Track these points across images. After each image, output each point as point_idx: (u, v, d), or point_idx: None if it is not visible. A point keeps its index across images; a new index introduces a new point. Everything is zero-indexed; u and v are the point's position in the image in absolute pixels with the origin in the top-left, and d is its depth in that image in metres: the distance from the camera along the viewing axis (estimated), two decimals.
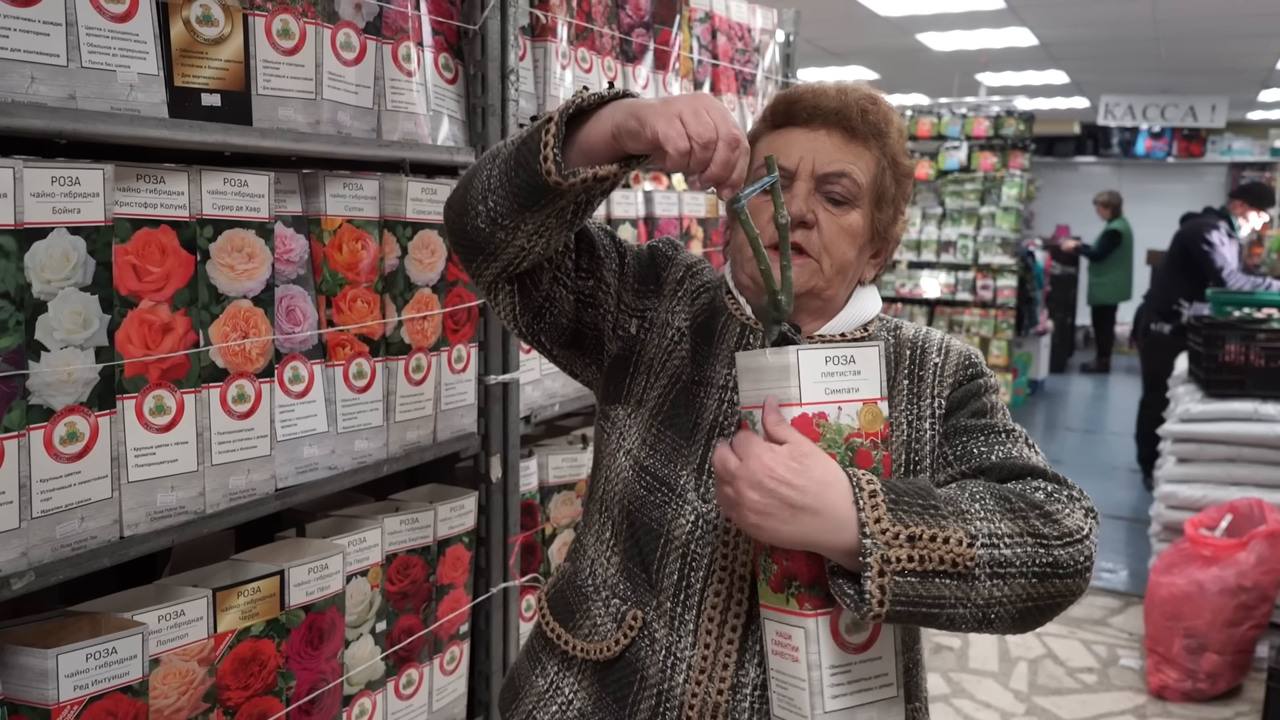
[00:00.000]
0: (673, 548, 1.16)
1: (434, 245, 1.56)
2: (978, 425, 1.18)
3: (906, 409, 1.19)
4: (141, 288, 1.16)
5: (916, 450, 1.17)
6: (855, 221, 1.17)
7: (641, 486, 1.18)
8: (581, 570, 1.25)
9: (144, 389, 1.17)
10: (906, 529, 0.99)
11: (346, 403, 1.45)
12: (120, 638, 1.13)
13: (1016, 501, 1.06)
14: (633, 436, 1.21)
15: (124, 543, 1.14)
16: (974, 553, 1.00)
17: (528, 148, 1.07)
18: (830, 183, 1.16)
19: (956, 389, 1.20)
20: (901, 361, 1.23)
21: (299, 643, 1.38)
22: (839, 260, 1.17)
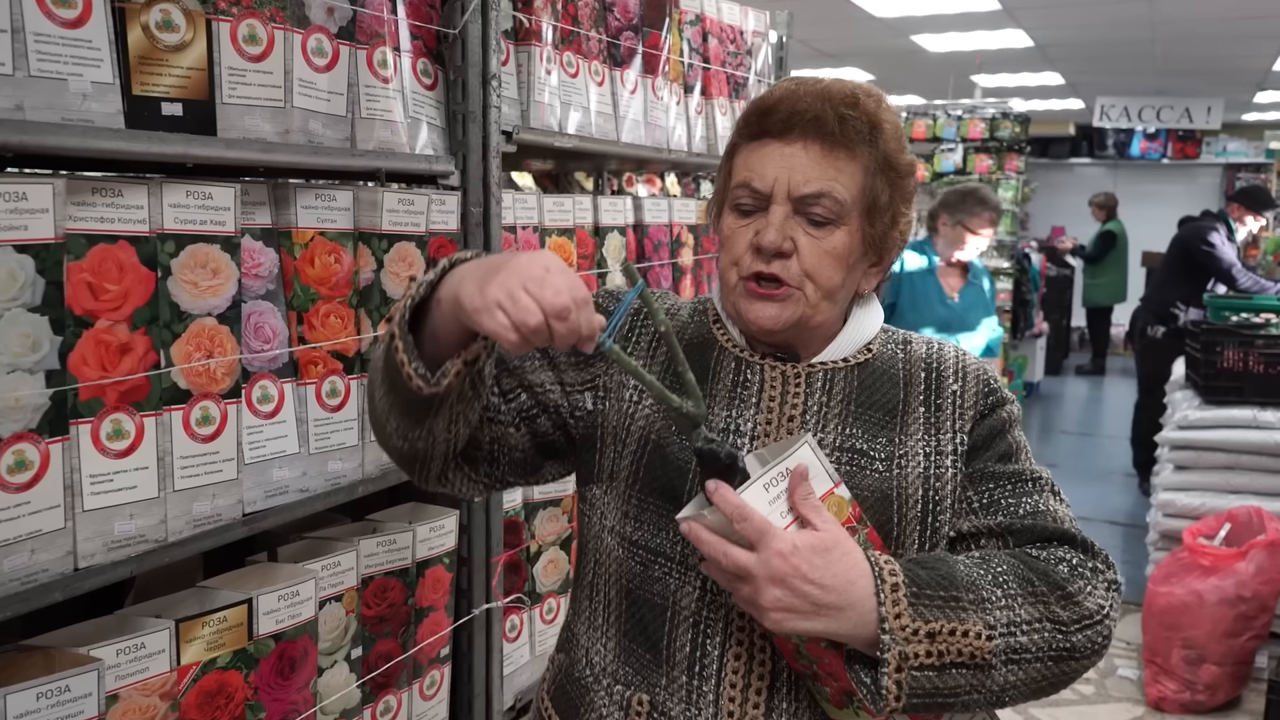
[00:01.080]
0: (681, 619, 1.08)
1: (411, 258, 1.50)
2: (1005, 472, 1.13)
3: (924, 439, 1.12)
4: (98, 307, 1.10)
5: (937, 489, 1.10)
6: (841, 242, 1.09)
7: (636, 562, 1.11)
8: (577, 661, 1.17)
9: (100, 413, 1.11)
10: (926, 624, 0.97)
11: (319, 422, 1.39)
12: (74, 675, 1.07)
13: (1039, 583, 1.03)
14: (613, 513, 1.13)
15: (78, 575, 1.08)
16: (992, 645, 0.99)
17: (390, 367, 0.99)
18: (809, 204, 1.07)
19: (979, 422, 1.14)
20: (915, 384, 1.15)
21: (269, 673, 1.33)
22: (825, 285, 1.09)
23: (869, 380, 1.15)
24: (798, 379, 1.14)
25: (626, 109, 2.12)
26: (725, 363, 1.16)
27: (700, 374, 1.15)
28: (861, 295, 1.18)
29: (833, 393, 1.13)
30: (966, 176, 7.12)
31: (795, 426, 1.11)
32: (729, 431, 1.12)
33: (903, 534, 1.09)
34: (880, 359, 1.17)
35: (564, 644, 1.22)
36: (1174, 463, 4.00)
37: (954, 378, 1.16)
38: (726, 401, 1.13)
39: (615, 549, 1.13)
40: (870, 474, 1.09)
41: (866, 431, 1.11)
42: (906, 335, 1.22)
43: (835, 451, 1.10)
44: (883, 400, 1.14)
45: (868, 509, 1.07)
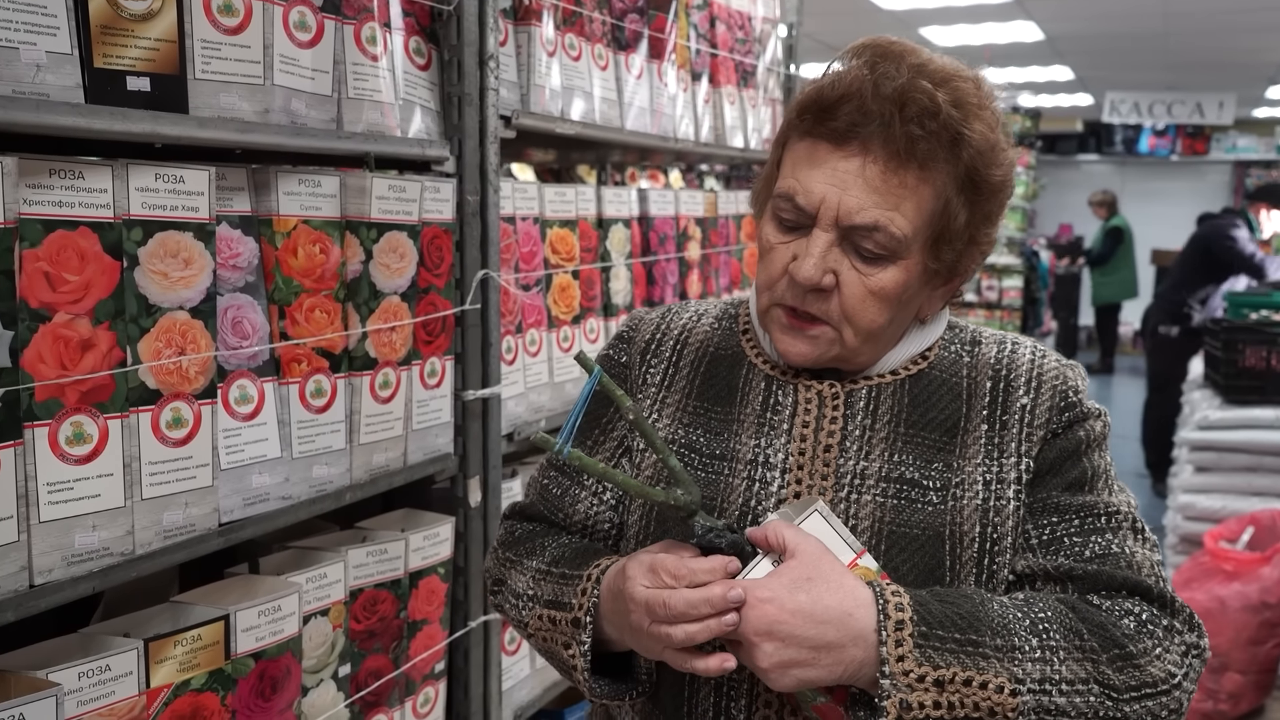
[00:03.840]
0: (701, 682, 0.98)
1: (403, 248, 1.41)
2: (1073, 505, 0.96)
3: (984, 465, 0.96)
4: (56, 299, 1.01)
5: (996, 525, 0.95)
6: (893, 280, 0.93)
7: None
8: (611, 716, 1.08)
9: (59, 414, 1.02)
10: (935, 670, 0.84)
11: (303, 424, 1.30)
12: (29, 701, 0.98)
13: (1091, 637, 0.88)
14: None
15: (34, 593, 0.99)
16: (1017, 701, 0.84)
17: (559, 662, 1.01)
18: (859, 236, 0.92)
19: (1049, 442, 0.97)
20: (979, 396, 0.99)
21: (248, 694, 1.24)
22: (865, 327, 0.95)
23: (923, 395, 1.00)
24: (836, 400, 1.00)
25: (632, 96, 2.03)
26: (755, 382, 1.04)
27: (727, 395, 1.04)
28: (924, 321, 1.03)
29: (878, 414, 0.99)
30: None
31: (833, 457, 0.98)
32: (756, 463, 1.00)
33: (956, 579, 0.95)
34: (939, 366, 1.02)
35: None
36: (1194, 464, 3.89)
37: (1026, 389, 0.99)
38: (755, 429, 1.01)
39: None
40: (921, 508, 0.95)
41: (919, 457, 0.97)
42: (977, 334, 1.05)
43: (881, 482, 0.96)
44: (939, 418, 0.99)
45: (917, 550, 0.94)
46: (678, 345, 1.09)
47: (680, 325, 1.11)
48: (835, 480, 0.97)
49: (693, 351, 1.08)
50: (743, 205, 2.63)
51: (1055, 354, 1.04)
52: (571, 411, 0.86)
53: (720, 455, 1.01)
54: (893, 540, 0.95)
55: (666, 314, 1.13)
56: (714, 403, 1.04)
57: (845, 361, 1.00)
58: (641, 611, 0.88)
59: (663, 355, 1.09)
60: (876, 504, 0.96)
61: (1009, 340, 1.05)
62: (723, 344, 1.08)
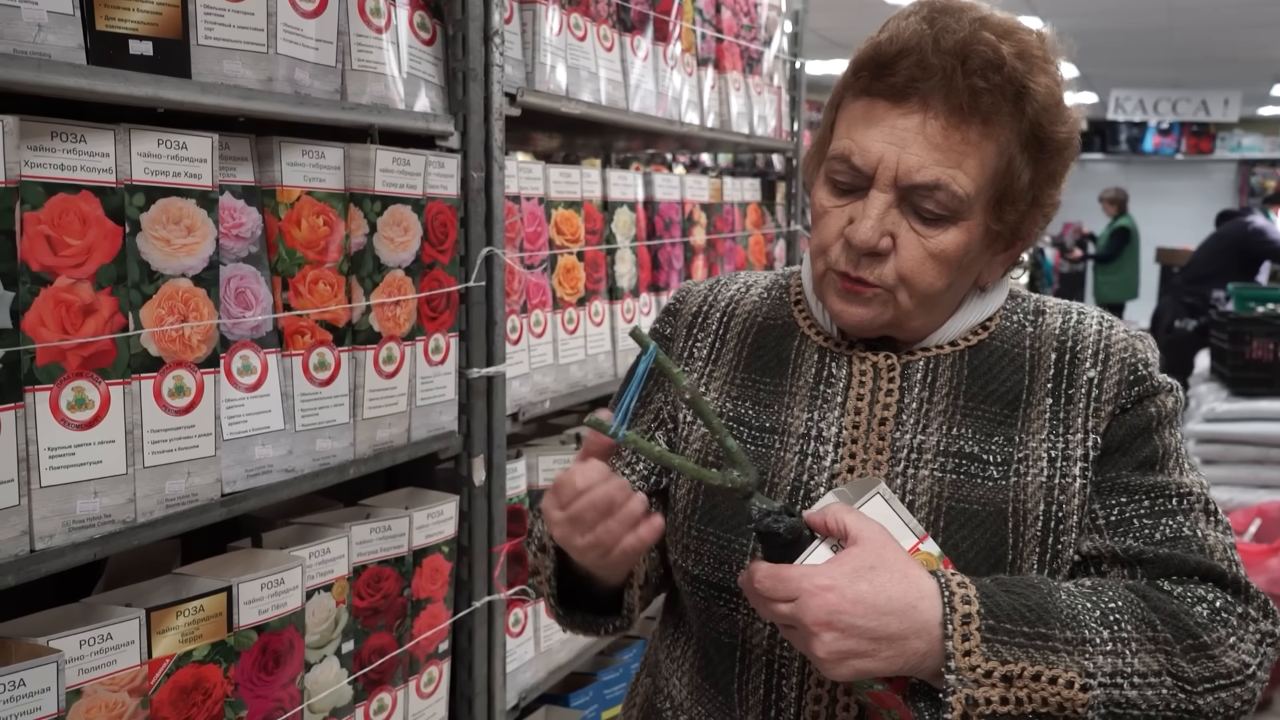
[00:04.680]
0: (753, 659, 0.97)
1: (407, 222, 1.40)
2: (1143, 485, 0.92)
3: (1049, 440, 0.93)
4: (57, 263, 1.00)
5: (1062, 504, 0.92)
6: (952, 242, 0.90)
7: (700, 598, 1.00)
8: (660, 689, 1.07)
9: (61, 379, 1.01)
10: (1003, 665, 0.81)
11: (306, 397, 1.29)
12: (30, 667, 0.97)
13: (1164, 628, 0.85)
14: (675, 547, 1.02)
15: (34, 557, 0.98)
16: (1088, 697, 0.81)
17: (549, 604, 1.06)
18: (919, 196, 0.89)
19: (1118, 417, 0.94)
20: (1043, 368, 0.96)
21: (251, 668, 1.23)
22: (923, 290, 0.92)
23: (984, 366, 0.97)
24: (891, 372, 0.98)
25: (639, 79, 2.02)
26: (807, 354, 1.01)
27: (778, 366, 1.02)
28: (985, 288, 1.00)
29: (936, 386, 0.97)
30: None
31: (888, 430, 0.96)
32: (809, 437, 0.97)
33: (1019, 557, 0.92)
34: (1001, 336, 0.99)
35: (649, 666, 1.13)
36: (1201, 457, 3.88)
37: (1094, 361, 0.95)
38: (808, 402, 0.99)
39: (682, 584, 1.03)
40: (982, 483, 0.92)
41: (979, 431, 0.94)
42: (1041, 303, 1.02)
43: (939, 456, 0.94)
44: (1000, 390, 0.96)
45: (977, 526, 0.92)
46: (724, 317, 1.07)
47: (728, 297, 1.08)
48: (891, 454, 0.95)
49: (740, 323, 1.06)
50: (748, 193, 2.62)
51: (1124, 324, 1.00)
52: (626, 390, 0.82)
53: (771, 429, 0.99)
54: (952, 517, 0.92)
55: (715, 285, 1.10)
56: (763, 374, 1.02)
57: (900, 328, 0.97)
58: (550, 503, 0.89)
59: (709, 328, 1.07)
60: (934, 479, 0.93)
61: (1074, 309, 1.01)
62: (773, 314, 1.05)
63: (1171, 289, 6.15)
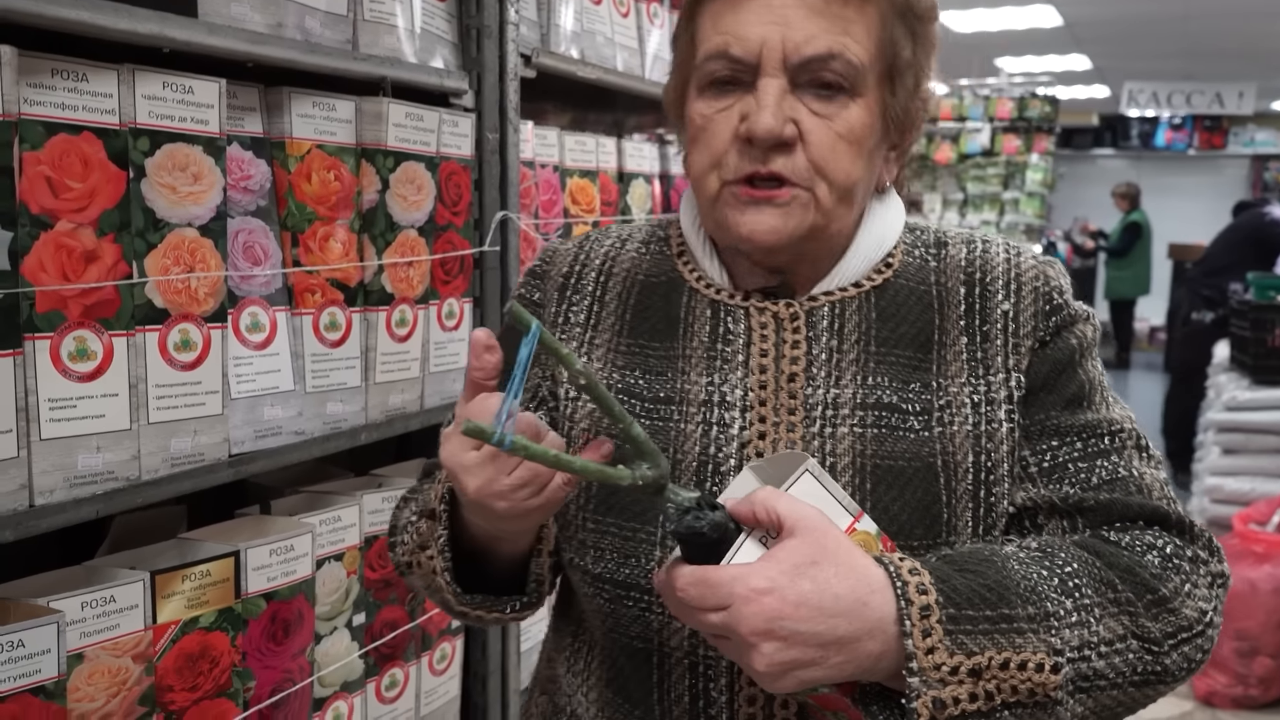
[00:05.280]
0: (673, 663, 0.86)
1: (420, 180, 1.36)
2: (1074, 426, 0.86)
3: (970, 383, 0.86)
4: (58, 206, 0.96)
5: (989, 452, 0.85)
6: (858, 118, 0.83)
7: (604, 600, 0.88)
8: (561, 709, 0.95)
9: (61, 328, 0.96)
10: (970, 659, 0.72)
11: (317, 358, 1.24)
12: (29, 628, 0.93)
13: (1123, 585, 0.78)
14: (569, 544, 0.90)
15: (34, 512, 0.94)
16: (1059, 679, 0.74)
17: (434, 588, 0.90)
18: (814, 71, 0.81)
19: (1039, 352, 0.87)
20: (951, 304, 0.88)
21: (259, 637, 1.18)
22: (842, 180, 0.83)
23: (891, 307, 0.89)
24: (795, 321, 0.88)
25: (658, 49, 1.98)
26: (698, 310, 0.90)
27: (666, 328, 0.91)
28: (882, 191, 0.92)
29: (844, 333, 0.88)
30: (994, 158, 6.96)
31: (799, 387, 0.86)
32: (711, 404, 0.87)
33: (953, 515, 0.84)
34: (905, 274, 0.90)
35: (545, 684, 0.99)
36: (1221, 446, 3.82)
37: (1005, 292, 0.88)
38: (706, 364, 0.88)
39: (581, 585, 0.90)
40: (905, 435, 0.85)
41: (895, 379, 0.86)
42: (941, 234, 0.94)
43: (857, 410, 0.85)
44: (911, 332, 0.88)
45: (906, 484, 0.84)
46: (600, 277, 0.95)
47: (602, 254, 0.97)
48: (805, 414, 0.86)
49: (619, 282, 0.95)
50: None
51: (1031, 250, 0.93)
52: (508, 388, 0.67)
53: (666, 399, 0.88)
54: (879, 477, 0.84)
55: (584, 242, 0.99)
56: (651, 338, 0.91)
57: (816, 239, 0.86)
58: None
59: (584, 290, 0.95)
60: (855, 436, 0.85)
61: (978, 238, 0.93)
62: (654, 270, 0.94)
63: (1187, 281, 6.09)
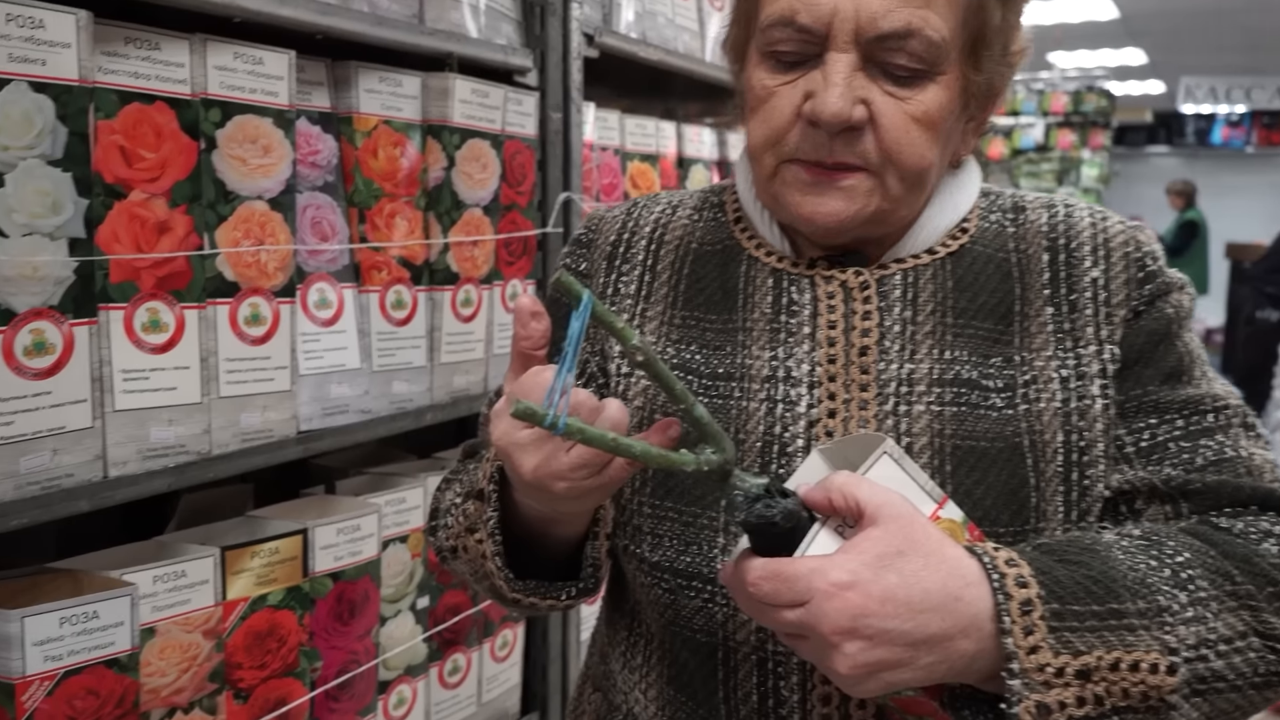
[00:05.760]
0: (740, 659, 0.79)
1: (485, 158, 1.34)
2: (1174, 402, 0.78)
3: (1057, 357, 0.79)
4: (132, 175, 0.95)
5: (1083, 430, 0.78)
6: (935, 101, 0.75)
7: (663, 590, 0.81)
8: (616, 707, 0.89)
9: (135, 299, 0.96)
10: (1076, 659, 0.65)
11: (383, 336, 1.23)
12: (103, 599, 0.92)
13: (1242, 579, 0.71)
14: (625, 530, 0.84)
15: (108, 484, 0.93)
16: (1175, 681, 0.67)
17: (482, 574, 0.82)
18: (890, 49, 0.74)
19: (1132, 323, 0.79)
20: (1034, 272, 0.81)
21: (326, 616, 1.17)
22: (914, 166, 0.76)
23: (968, 275, 0.82)
24: (865, 290, 0.82)
25: (718, 33, 1.95)
26: (759, 279, 0.84)
27: (724, 299, 0.84)
28: (957, 165, 0.84)
29: (919, 303, 0.81)
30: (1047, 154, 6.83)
31: (870, 361, 0.80)
32: (775, 380, 0.80)
33: (1042, 499, 0.77)
34: (981, 240, 0.83)
35: (598, 679, 0.93)
36: None
37: (1094, 258, 0.81)
38: (768, 337, 0.82)
39: (640, 574, 0.83)
40: (987, 414, 0.78)
41: (974, 352, 0.80)
42: (1018, 198, 0.87)
43: (934, 387, 0.79)
44: (991, 302, 0.81)
45: (990, 466, 0.77)
46: (651, 245, 0.89)
47: (652, 220, 0.91)
48: (877, 390, 0.79)
49: (671, 250, 0.88)
50: None
51: (1117, 215, 0.86)
52: (560, 365, 0.61)
53: (726, 374, 0.82)
54: (959, 458, 0.77)
55: (632, 209, 0.93)
56: (707, 310, 0.85)
57: (883, 223, 0.80)
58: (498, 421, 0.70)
59: (634, 259, 0.89)
60: (932, 414, 0.78)
61: (1059, 202, 0.85)
62: (709, 238, 0.88)
63: (1250, 280, 5.93)
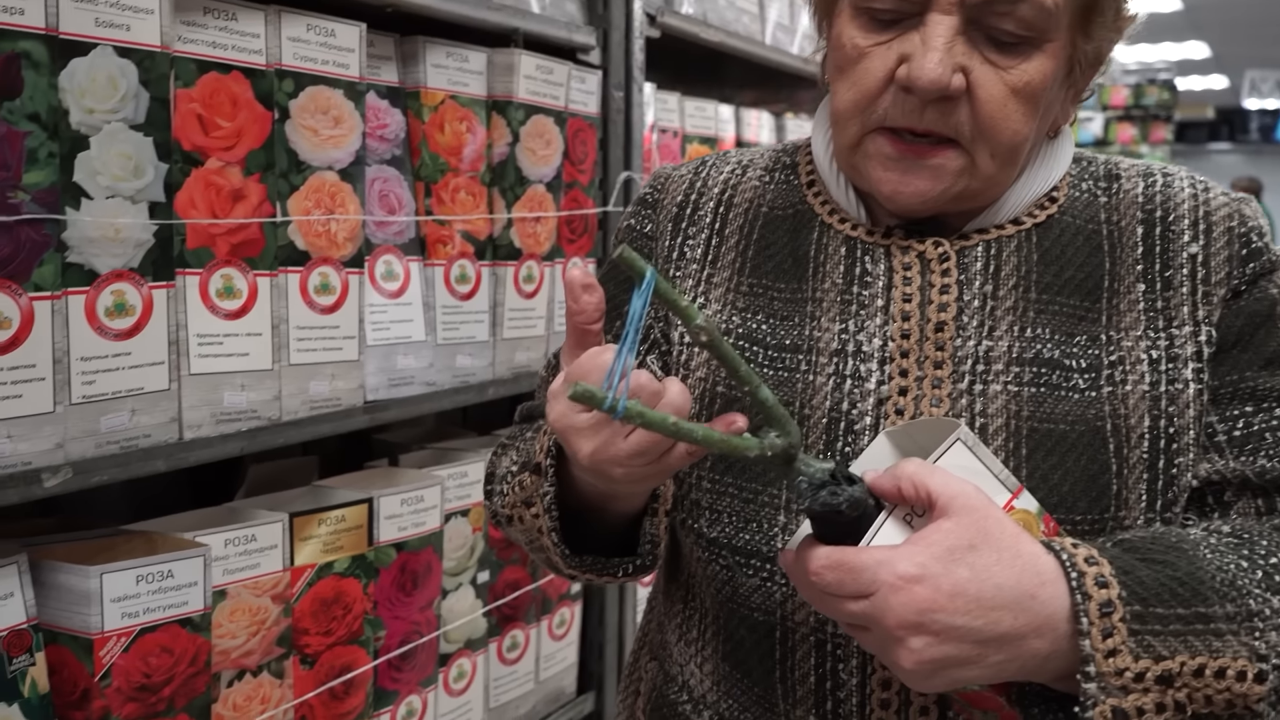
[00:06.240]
0: (798, 639, 0.76)
1: (549, 135, 1.34)
2: (1272, 389, 0.74)
3: (1147, 337, 0.75)
4: (208, 143, 0.97)
5: (1173, 416, 0.73)
6: (1039, 72, 0.71)
7: (720, 566, 0.79)
8: (672, 678, 0.86)
9: (210, 265, 0.97)
10: (1158, 664, 0.62)
11: (448, 310, 1.24)
12: (178, 559, 0.94)
13: None
14: (684, 503, 0.81)
15: (183, 446, 0.95)
16: (1263, 689, 0.63)
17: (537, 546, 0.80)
18: (996, 14, 0.69)
19: (1231, 303, 0.75)
20: (1126, 246, 0.77)
21: (390, 586, 1.18)
22: (1008, 141, 0.72)
23: (1055, 248, 0.78)
24: (944, 263, 0.77)
25: (778, 18, 1.94)
26: (831, 248, 0.80)
27: (794, 267, 0.81)
28: (1054, 136, 0.80)
29: (1000, 277, 0.77)
30: (1108, 148, 6.69)
31: (947, 337, 0.76)
32: (845, 354, 0.77)
33: (1124, 488, 0.73)
34: (1071, 210, 0.79)
35: (655, 648, 0.91)
36: None
37: (1193, 232, 0.76)
38: (839, 309, 0.78)
39: (697, 550, 0.81)
40: (1068, 395, 0.74)
41: (1057, 330, 0.76)
42: (1113, 165, 0.82)
43: (1012, 366, 0.75)
44: (1078, 277, 0.77)
45: (1069, 451, 0.73)
46: (719, 207, 0.85)
47: (721, 181, 0.86)
48: (953, 368, 0.76)
49: (740, 214, 0.84)
50: None
51: (1220, 186, 0.80)
52: (620, 344, 0.58)
53: (793, 346, 0.79)
54: (1036, 441, 0.73)
55: (700, 167, 0.88)
56: (776, 278, 0.81)
57: (970, 199, 0.76)
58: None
59: (701, 222, 0.85)
60: (1009, 395, 0.74)
61: (1157, 171, 0.80)
62: (780, 201, 0.83)
63: None
